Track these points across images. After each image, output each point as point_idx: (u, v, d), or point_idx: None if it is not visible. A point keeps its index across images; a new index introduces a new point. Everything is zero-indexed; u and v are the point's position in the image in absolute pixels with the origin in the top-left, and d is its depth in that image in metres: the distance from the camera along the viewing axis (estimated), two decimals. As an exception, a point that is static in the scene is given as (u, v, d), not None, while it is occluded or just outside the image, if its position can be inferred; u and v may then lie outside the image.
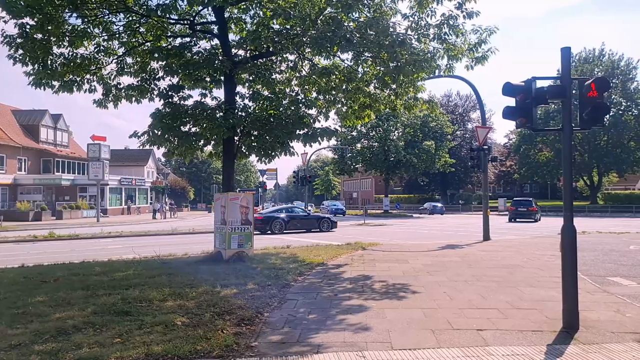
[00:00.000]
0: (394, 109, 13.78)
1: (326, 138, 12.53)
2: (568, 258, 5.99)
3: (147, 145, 12.28)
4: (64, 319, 6.17)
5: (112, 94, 12.83)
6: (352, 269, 10.62)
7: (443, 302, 7.36)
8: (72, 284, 8.65)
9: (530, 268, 10.73)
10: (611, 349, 5.17)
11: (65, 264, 11.72)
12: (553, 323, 6.09)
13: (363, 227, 29.55)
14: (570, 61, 6.19)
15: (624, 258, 12.24)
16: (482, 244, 16.44)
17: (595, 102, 6.03)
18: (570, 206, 6.12)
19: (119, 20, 12.19)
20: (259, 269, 10.08)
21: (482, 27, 11.23)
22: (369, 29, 10.44)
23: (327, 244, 16.75)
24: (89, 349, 5.05)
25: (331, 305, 7.24)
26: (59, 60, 11.64)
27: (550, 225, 27.76)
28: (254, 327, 6.00)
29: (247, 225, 11.77)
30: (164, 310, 6.63)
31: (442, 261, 11.89)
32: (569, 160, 6.13)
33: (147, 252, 13.92)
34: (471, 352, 5.09)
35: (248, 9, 12.59)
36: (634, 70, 50.10)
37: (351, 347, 5.24)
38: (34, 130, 46.79)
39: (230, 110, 11.78)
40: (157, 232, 26.13)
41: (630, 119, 49.34)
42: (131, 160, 64.78)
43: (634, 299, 7.52)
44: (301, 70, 13.22)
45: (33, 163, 45.88)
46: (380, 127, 52.56)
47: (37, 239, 21.59)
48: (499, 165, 66.12)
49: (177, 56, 11.79)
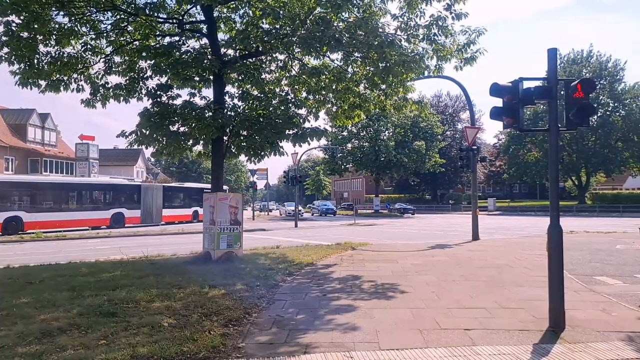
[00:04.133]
0: (383, 109, 13.80)
1: (316, 138, 12.53)
2: (554, 258, 6.03)
3: (135, 144, 12.20)
4: (48, 320, 6.09)
5: (100, 93, 12.74)
6: (342, 269, 10.62)
7: (431, 302, 7.37)
8: (58, 285, 8.55)
9: (518, 267, 10.80)
10: (597, 348, 5.22)
11: (52, 265, 11.60)
12: (540, 322, 6.13)
13: (353, 227, 29.59)
14: (556, 62, 6.22)
15: (611, 257, 12.36)
16: (471, 244, 16.52)
17: (581, 103, 6.07)
18: (556, 206, 6.16)
19: (107, 19, 12.13)
20: (247, 270, 10.04)
21: (470, 28, 11.31)
22: (358, 29, 10.44)
23: (317, 243, 16.75)
24: (74, 350, 4.99)
25: (320, 305, 7.22)
26: (46, 59, 11.52)
27: (539, 224, 27.98)
28: (241, 327, 5.97)
29: (236, 226, 11.72)
30: (150, 311, 6.58)
31: (431, 261, 11.93)
32: (555, 160, 6.17)
33: (135, 252, 13.82)
34: (458, 351, 5.10)
35: (237, 8, 12.55)
36: (621, 71, 50.56)
37: (339, 348, 5.23)
38: (21, 129, 46.17)
39: (220, 110, 11.73)
40: (145, 232, 25.96)
41: (617, 119, 49.84)
42: (120, 160, 64.27)
43: (620, 298, 7.59)
44: (291, 70, 13.20)
45: (20, 163, 45.28)
46: (371, 127, 52.71)
47: (23, 239, 21.35)
48: (488, 165, 66.56)
49: (166, 55, 11.72)
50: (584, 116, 6.17)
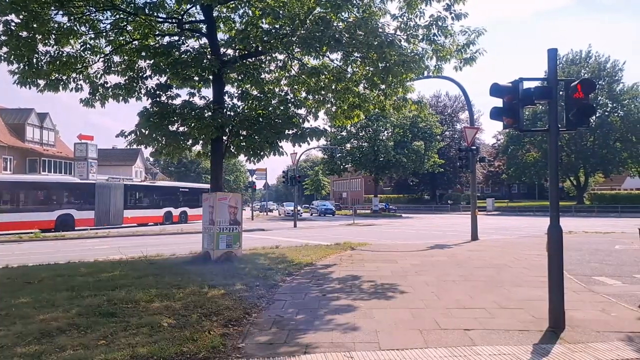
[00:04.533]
0: (383, 109, 13.80)
1: (315, 138, 12.52)
2: (554, 258, 6.03)
3: (134, 144, 12.18)
4: (47, 320, 6.07)
5: (99, 93, 12.71)
6: (341, 269, 10.61)
7: (431, 302, 7.37)
8: (57, 285, 8.53)
9: (517, 268, 10.81)
10: (596, 348, 5.22)
11: (50, 265, 11.57)
12: (539, 322, 6.13)
13: (352, 227, 29.59)
14: (556, 62, 6.23)
15: (610, 258, 12.38)
16: (470, 244, 16.53)
17: (581, 103, 6.07)
18: (556, 207, 6.16)
19: (106, 19, 12.11)
20: (247, 270, 10.03)
21: (470, 29, 11.31)
22: (358, 29, 10.43)
23: (317, 244, 16.74)
24: (73, 351, 4.97)
25: (319, 305, 7.22)
26: (45, 58, 11.50)
27: (537, 225, 28.02)
28: (241, 328, 5.97)
29: (236, 226, 11.71)
30: (150, 311, 6.56)
31: (430, 261, 11.93)
32: (555, 160, 6.17)
33: (134, 252, 13.80)
34: (458, 352, 5.10)
35: (237, 8, 12.53)
36: (619, 72, 50.61)
37: (339, 348, 5.23)
38: (19, 129, 46.08)
39: (219, 110, 11.72)
40: (144, 232, 25.95)
41: (616, 120, 49.91)
42: (119, 159, 64.11)
43: (619, 298, 7.60)
44: (290, 70, 13.20)
45: (19, 162, 45.20)
46: (370, 127, 52.69)
47: (22, 239, 21.31)
48: (487, 165, 66.62)
49: (165, 55, 11.70)
50: (584, 116, 6.18)
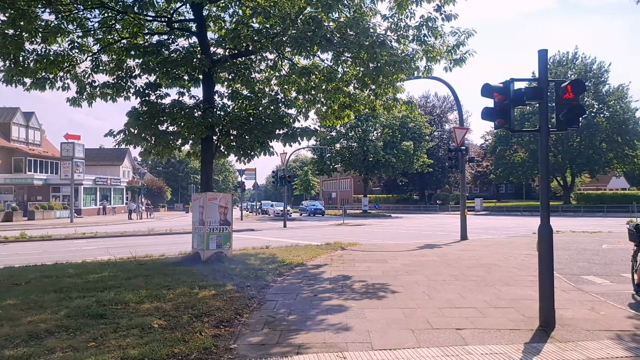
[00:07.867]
0: (373, 109, 13.81)
1: (306, 138, 12.51)
2: (545, 257, 6.07)
3: (123, 144, 12.07)
4: (36, 322, 5.98)
5: (87, 92, 12.56)
6: (332, 269, 10.60)
7: (422, 302, 7.39)
8: (45, 286, 8.41)
9: (507, 267, 10.88)
10: (587, 347, 5.26)
11: (38, 266, 11.41)
12: (530, 321, 6.18)
13: (342, 227, 29.60)
14: (547, 63, 6.27)
15: (597, 257, 12.51)
16: (460, 244, 16.62)
17: (571, 103, 6.13)
18: (546, 206, 6.21)
19: (94, 17, 11.98)
20: (237, 270, 9.98)
21: (460, 30, 11.35)
22: (349, 29, 10.43)
23: (307, 244, 16.71)
24: (62, 353, 4.90)
25: (311, 305, 7.20)
26: (32, 56, 11.36)
27: (525, 224, 28.26)
28: (232, 328, 5.93)
29: (226, 226, 11.64)
30: (140, 312, 6.49)
31: (420, 261, 11.97)
32: (545, 161, 6.22)
33: (123, 253, 13.64)
34: (450, 351, 5.11)
35: (227, 7, 12.47)
36: (605, 73, 51.28)
37: (331, 348, 5.22)
38: (4, 128, 45.46)
39: (209, 109, 11.65)
40: (133, 232, 25.69)
41: (602, 121, 50.53)
42: (106, 159, 63.51)
43: (608, 297, 7.68)
44: (281, 69, 13.15)
45: (4, 162, 44.57)
46: (360, 128, 52.72)
47: (7, 240, 20.96)
48: (475, 165, 67.00)
49: (154, 54, 11.62)
50: (574, 117, 6.22)
